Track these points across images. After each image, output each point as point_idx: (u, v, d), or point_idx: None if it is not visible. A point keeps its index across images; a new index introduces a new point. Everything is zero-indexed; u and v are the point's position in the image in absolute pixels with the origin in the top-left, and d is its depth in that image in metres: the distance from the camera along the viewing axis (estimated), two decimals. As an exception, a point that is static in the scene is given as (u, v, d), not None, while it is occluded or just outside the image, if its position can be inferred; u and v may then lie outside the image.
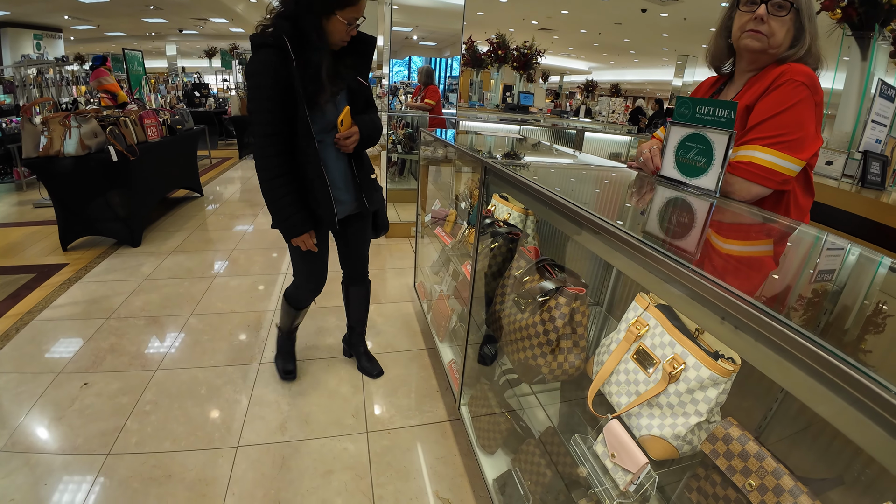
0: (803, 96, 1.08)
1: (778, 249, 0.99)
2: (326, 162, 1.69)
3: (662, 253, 0.74)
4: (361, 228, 1.97)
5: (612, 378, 1.07)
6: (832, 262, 0.94)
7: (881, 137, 3.21)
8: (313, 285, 1.96)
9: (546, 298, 1.14)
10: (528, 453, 1.36)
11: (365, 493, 1.63)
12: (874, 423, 0.45)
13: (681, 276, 0.69)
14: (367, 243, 2.08)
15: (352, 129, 1.68)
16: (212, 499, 1.57)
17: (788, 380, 0.56)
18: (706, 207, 1.13)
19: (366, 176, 1.84)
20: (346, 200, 1.81)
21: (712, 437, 0.83)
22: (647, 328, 1.04)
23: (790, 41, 1.15)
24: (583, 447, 1.00)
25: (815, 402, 0.54)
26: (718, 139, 1.15)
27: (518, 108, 8.75)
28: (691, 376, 0.92)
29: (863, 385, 0.44)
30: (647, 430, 0.98)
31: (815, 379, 0.51)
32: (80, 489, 1.57)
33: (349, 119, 1.66)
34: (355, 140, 1.70)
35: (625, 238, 0.83)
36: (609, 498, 0.91)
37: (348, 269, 2.10)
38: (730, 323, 0.60)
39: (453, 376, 1.94)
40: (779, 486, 0.73)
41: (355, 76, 1.71)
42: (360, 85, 1.74)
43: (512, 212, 1.82)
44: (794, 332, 0.51)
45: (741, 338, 0.60)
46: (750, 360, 0.64)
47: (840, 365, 0.46)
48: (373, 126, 1.77)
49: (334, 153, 1.73)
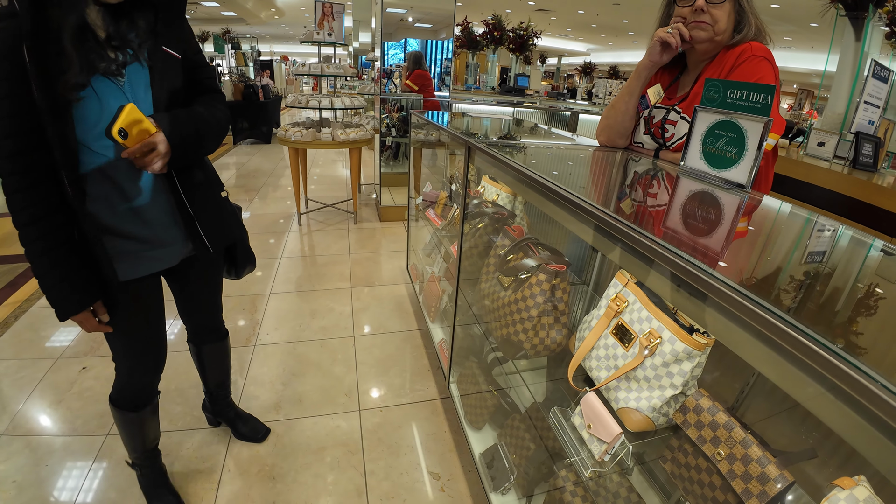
0: (766, 71, 1.10)
1: (740, 225, 1.01)
2: (126, 189, 1.07)
3: (609, 215, 0.76)
4: (205, 272, 1.40)
5: (593, 353, 1.10)
6: (791, 236, 0.96)
7: (874, 119, 3.20)
8: (144, 366, 1.33)
9: (528, 275, 1.16)
10: (514, 428, 1.39)
11: (356, 467, 1.67)
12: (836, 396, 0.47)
13: (628, 237, 0.71)
14: (218, 288, 1.51)
15: (150, 140, 0.98)
16: (207, 474, 1.61)
17: (743, 349, 0.59)
18: (676, 180, 1.14)
19: (202, 202, 1.20)
20: (170, 242, 1.20)
21: (684, 407, 0.86)
22: (627, 304, 1.06)
23: (734, 25, 1.20)
24: (561, 419, 1.03)
25: (764, 367, 0.56)
26: (752, 127, 1.03)
27: (514, 91, 8.68)
28: (667, 350, 0.94)
29: (812, 350, 0.46)
30: (624, 402, 1.01)
31: (769, 346, 0.53)
32: (80, 469, 1.61)
33: (142, 122, 0.96)
34: (159, 156, 1.01)
35: (573, 199, 0.85)
36: (585, 467, 0.94)
37: (193, 324, 1.55)
38: (684, 290, 0.62)
39: (443, 355, 1.97)
40: (747, 455, 0.75)
41: (156, 44, 1.05)
42: (166, 59, 1.08)
43: (501, 193, 1.83)
44: (739, 295, 0.53)
45: (694, 304, 0.62)
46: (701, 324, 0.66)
47: (781, 325, 0.48)
48: (195, 126, 1.10)
49: (137, 175, 1.08)
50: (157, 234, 1.17)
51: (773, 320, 0.49)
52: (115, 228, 1.10)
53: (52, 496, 1.52)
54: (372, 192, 5.12)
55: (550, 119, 6.23)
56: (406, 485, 1.62)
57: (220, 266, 1.47)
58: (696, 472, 0.85)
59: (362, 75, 8.45)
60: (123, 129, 0.93)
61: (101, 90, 0.98)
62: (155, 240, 1.17)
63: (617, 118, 1.44)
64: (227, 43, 13.52)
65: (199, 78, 1.19)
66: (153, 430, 1.47)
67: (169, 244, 1.21)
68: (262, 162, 6.62)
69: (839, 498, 0.61)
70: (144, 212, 1.12)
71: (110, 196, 1.07)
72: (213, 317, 1.56)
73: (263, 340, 2.37)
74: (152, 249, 1.18)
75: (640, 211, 0.97)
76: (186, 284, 1.39)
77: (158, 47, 1.06)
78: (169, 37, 1.08)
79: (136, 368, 1.31)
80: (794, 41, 11.40)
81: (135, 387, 1.34)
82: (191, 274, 1.36)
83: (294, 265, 3.28)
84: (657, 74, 1.40)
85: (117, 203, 1.08)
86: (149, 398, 1.39)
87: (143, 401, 1.37)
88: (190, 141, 1.09)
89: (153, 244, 1.18)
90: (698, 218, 0.94)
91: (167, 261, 1.23)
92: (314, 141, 3.61)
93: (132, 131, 0.95)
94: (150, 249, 1.18)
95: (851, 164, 3.01)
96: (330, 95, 3.73)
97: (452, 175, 2.51)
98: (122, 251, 1.12)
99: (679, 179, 1.16)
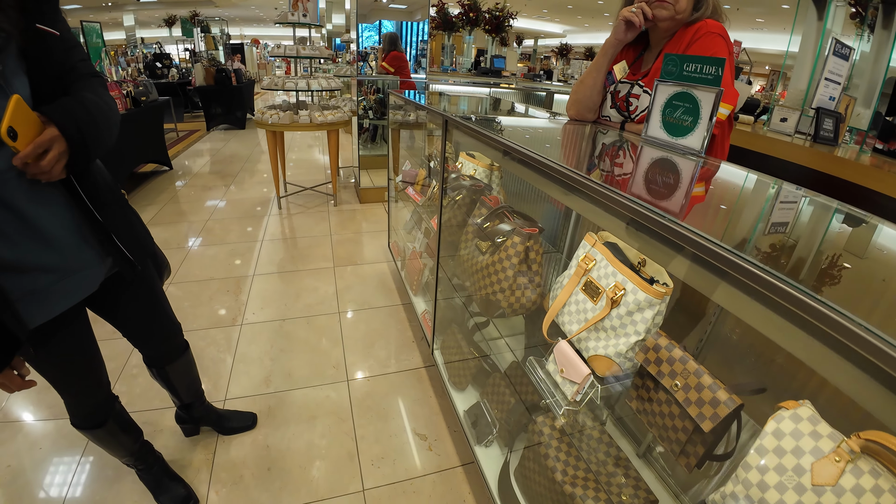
0: (720, 46, 1.19)
1: (697, 182, 1.10)
2: (19, 208, 0.86)
3: (579, 174, 0.84)
4: (139, 291, 1.23)
5: (565, 309, 1.19)
6: (736, 188, 1.06)
7: (835, 95, 3.34)
8: (89, 389, 1.23)
9: (503, 239, 1.24)
10: (495, 385, 1.49)
11: (347, 433, 1.76)
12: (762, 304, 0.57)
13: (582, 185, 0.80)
14: (161, 301, 1.32)
15: (43, 137, 0.80)
16: (204, 446, 1.68)
17: (680, 270, 0.68)
18: (638, 148, 1.23)
19: (111, 210, 1.03)
20: (84, 265, 1.01)
21: (644, 347, 0.95)
22: (594, 263, 1.15)
23: (693, 4, 1.29)
24: (536, 367, 1.12)
25: (708, 290, 0.65)
26: (705, 97, 1.12)
27: (491, 72, 8.70)
28: (630, 300, 1.04)
29: (735, 264, 0.55)
30: (594, 350, 1.10)
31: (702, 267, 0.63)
32: (74, 450, 1.65)
33: (31, 118, 0.79)
34: (57, 156, 0.83)
35: (545, 162, 0.93)
36: (559, 407, 1.04)
37: (148, 351, 1.39)
38: (632, 227, 0.71)
39: (426, 324, 2.05)
40: (700, 383, 0.85)
41: (28, 20, 0.85)
42: (44, 39, 0.88)
43: (478, 168, 1.90)
44: (685, 230, 0.62)
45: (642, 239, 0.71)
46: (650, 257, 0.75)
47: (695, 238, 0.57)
48: (91, 115, 0.90)
49: (29, 189, 0.86)
50: (67, 259, 0.97)
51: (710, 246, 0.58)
52: (15, 264, 0.89)
53: (47, 478, 1.55)
54: (350, 176, 5.13)
55: (526, 99, 6.31)
56: (395, 447, 1.71)
57: (153, 275, 1.26)
58: (657, 405, 0.95)
59: (336, 58, 8.34)
60: (12, 128, 0.74)
61: None
62: (65, 267, 0.97)
63: (585, 93, 1.52)
64: (196, 26, 13.11)
65: (73, 61, 0.95)
66: (128, 433, 1.39)
67: (83, 268, 1.01)
68: (237, 148, 6.53)
69: (784, 416, 0.72)
70: (47, 234, 0.91)
71: (2, 222, 0.84)
72: (167, 336, 1.38)
73: (250, 320, 2.41)
74: (64, 279, 0.98)
75: (606, 172, 1.05)
76: (119, 311, 1.23)
77: (31, 25, 0.85)
78: (42, 11, 0.88)
79: (81, 393, 1.22)
80: (766, 23, 11.62)
81: (87, 408, 1.25)
82: (121, 299, 1.19)
83: (276, 247, 3.31)
84: (622, 52, 1.48)
85: (11, 230, 0.86)
86: (108, 410, 1.29)
87: (104, 414, 1.28)
88: (90, 134, 0.88)
89: (64, 273, 0.97)
90: (656, 177, 1.02)
91: (86, 289, 1.03)
92: (292, 123, 3.61)
93: (21, 130, 0.76)
94: (61, 279, 0.97)
95: (812, 138, 3.15)
96: (306, 78, 3.72)
97: (431, 153, 2.56)
98: (28, 290, 0.92)
99: (641, 147, 1.25)
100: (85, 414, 1.25)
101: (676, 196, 0.88)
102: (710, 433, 0.82)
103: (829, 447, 0.65)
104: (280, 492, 1.53)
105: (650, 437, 1.38)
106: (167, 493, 1.48)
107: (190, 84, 8.69)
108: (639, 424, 1.43)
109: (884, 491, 0.58)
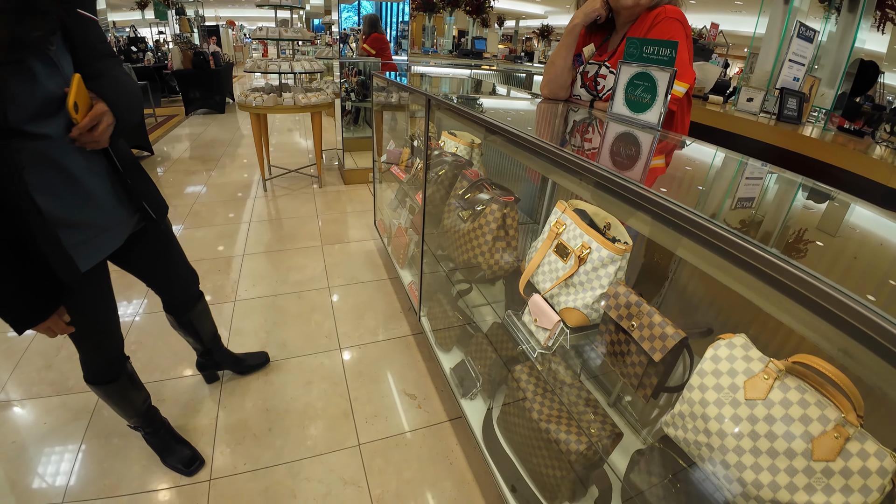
0: (677, 30, 1.31)
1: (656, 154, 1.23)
2: (70, 172, 1.00)
3: (553, 146, 0.97)
4: (159, 242, 1.38)
5: (539, 269, 1.32)
6: (694, 157, 1.20)
7: (799, 76, 3.50)
8: (105, 344, 1.33)
9: (483, 207, 1.36)
10: (478, 344, 1.63)
11: (342, 395, 1.88)
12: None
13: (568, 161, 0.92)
14: (179, 250, 1.48)
15: (97, 111, 0.95)
16: (206, 413, 1.78)
17: (638, 223, 0.81)
18: (604, 123, 1.36)
19: (134, 173, 1.19)
20: (118, 221, 1.17)
21: (606, 296, 1.09)
22: (565, 227, 1.28)
23: None
24: (514, 319, 1.26)
25: (650, 232, 0.78)
26: (661, 76, 1.26)
27: (472, 54, 8.73)
28: (595, 257, 1.17)
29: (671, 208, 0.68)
30: (565, 304, 1.24)
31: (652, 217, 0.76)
32: (78, 422, 1.72)
33: (85, 94, 0.93)
34: (106, 128, 0.98)
35: (521, 135, 1.05)
36: (533, 350, 1.17)
37: (171, 296, 1.54)
38: (588, 183, 0.84)
39: (413, 294, 2.18)
40: (651, 322, 1.00)
41: (71, 5, 0.96)
42: (85, 23, 1.01)
43: (459, 146, 2.01)
44: (642, 188, 0.75)
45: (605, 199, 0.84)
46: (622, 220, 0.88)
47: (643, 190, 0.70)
48: (127, 92, 1.06)
49: (79, 155, 1.02)
50: (107, 217, 1.12)
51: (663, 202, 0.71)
52: (67, 220, 1.03)
53: (55, 450, 1.61)
54: (333, 158, 5.18)
55: (506, 80, 6.40)
56: (387, 406, 1.85)
57: (170, 230, 1.42)
58: (618, 345, 1.10)
59: (315, 40, 8.26)
60: (75, 103, 0.87)
61: (32, 64, 0.88)
62: (104, 224, 1.12)
63: (557, 73, 1.63)
64: (170, 8, 12.75)
65: (93, 42, 1.04)
66: (138, 392, 1.50)
67: (116, 225, 1.17)
68: (217, 132, 6.49)
69: (720, 344, 0.86)
70: (93, 195, 1.07)
71: (54, 183, 0.98)
72: (187, 283, 1.55)
73: (242, 296, 2.50)
74: (102, 234, 1.13)
75: (577, 144, 1.18)
76: (144, 262, 1.37)
77: (73, 9, 0.97)
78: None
79: (98, 347, 1.32)
80: (744, 5, 11.81)
81: (103, 362, 1.36)
82: (144, 251, 1.33)
83: (263, 228, 3.39)
84: (591, 35, 1.60)
85: (62, 190, 1.00)
86: (121, 367, 1.40)
87: (117, 370, 1.39)
88: (128, 110, 1.04)
89: (102, 229, 1.13)
90: (618, 149, 1.15)
91: (115, 243, 1.19)
92: (276, 106, 3.65)
93: (80, 104, 0.89)
94: (100, 234, 1.13)
95: (777, 117, 3.31)
96: (288, 60, 3.75)
97: (414, 133, 2.66)
98: (74, 243, 1.04)
99: (607, 123, 1.38)
100: (100, 368, 1.36)
101: (635, 163, 1.00)
102: (661, 363, 0.97)
103: (759, 368, 0.80)
104: (282, 449, 1.65)
105: (619, 386, 1.54)
106: (174, 454, 1.58)
107: (166, 68, 8.53)
108: (609, 376, 1.58)
109: (810, 404, 0.72)
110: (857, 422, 0.67)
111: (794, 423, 0.72)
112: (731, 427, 0.79)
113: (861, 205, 0.85)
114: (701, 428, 0.84)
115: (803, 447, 0.70)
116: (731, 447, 0.79)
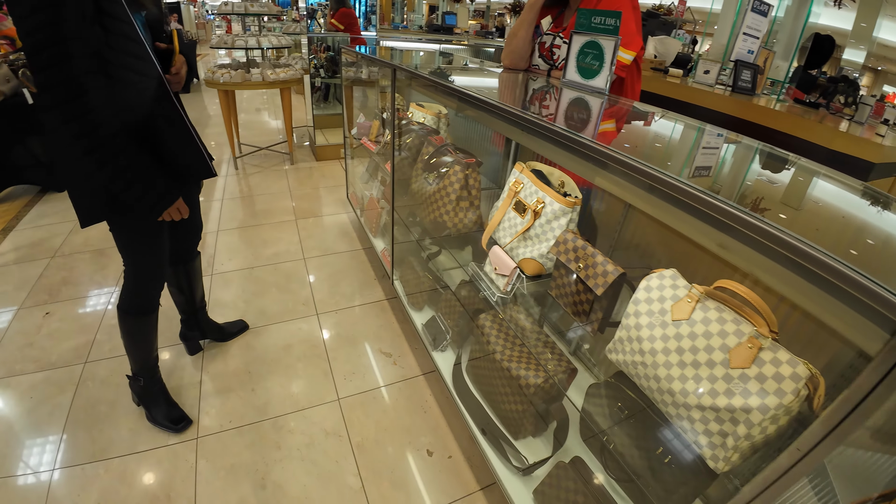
0: (624, 2, 1.41)
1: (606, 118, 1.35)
2: (178, 100, 1.35)
3: (514, 108, 1.07)
4: (197, 193, 1.65)
5: (500, 226, 1.43)
6: (642, 120, 1.32)
7: (753, 49, 3.65)
8: (160, 274, 1.52)
9: (447, 169, 1.46)
10: (447, 301, 1.74)
11: (321, 356, 1.98)
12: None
13: (528, 122, 1.02)
14: (199, 203, 1.68)
15: (181, 59, 1.33)
16: (189, 386, 1.83)
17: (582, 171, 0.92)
18: (558, 89, 1.46)
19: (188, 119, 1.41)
20: None
21: (556, 243, 1.21)
22: (522, 185, 1.39)
23: None
24: (476, 269, 1.37)
25: (591, 177, 0.90)
26: (607, 44, 1.34)
27: (442, 30, 8.67)
28: (548, 210, 1.29)
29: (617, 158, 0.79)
30: (522, 255, 1.36)
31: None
32: (64, 395, 1.75)
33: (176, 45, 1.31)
34: (185, 73, 1.36)
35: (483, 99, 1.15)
36: (493, 295, 1.29)
37: (184, 246, 1.71)
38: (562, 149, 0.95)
39: (386, 260, 2.28)
40: (595, 262, 1.12)
41: None
42: (155, 4, 1.32)
43: (426, 116, 2.09)
44: (590, 141, 0.86)
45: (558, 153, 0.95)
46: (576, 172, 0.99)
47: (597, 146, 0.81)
48: None
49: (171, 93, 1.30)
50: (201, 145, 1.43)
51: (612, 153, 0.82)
52: None
53: (43, 422, 1.65)
54: (305, 137, 5.16)
55: (476, 55, 6.42)
56: (364, 364, 1.96)
57: None
58: (568, 287, 1.22)
59: (282, 16, 8.06)
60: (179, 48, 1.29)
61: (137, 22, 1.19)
62: None
63: (518, 44, 1.72)
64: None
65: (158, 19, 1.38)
66: (154, 340, 1.62)
67: None
68: (184, 111, 6.35)
69: (653, 276, 0.98)
70: None
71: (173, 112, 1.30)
72: (200, 227, 1.74)
73: (220, 270, 2.56)
74: None
75: (535, 108, 1.28)
76: (191, 200, 1.56)
77: None
78: None
79: (152, 280, 1.50)
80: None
81: (156, 290, 1.52)
82: (193, 190, 1.58)
83: (236, 205, 3.41)
84: (548, 8, 1.69)
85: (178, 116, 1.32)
86: (157, 302, 1.55)
87: (154, 303, 1.54)
88: (190, 65, 1.38)
89: None
90: (571, 112, 1.26)
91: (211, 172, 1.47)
92: (244, 82, 3.63)
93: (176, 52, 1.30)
94: None
95: (731, 88, 3.47)
96: (256, 36, 3.72)
97: (384, 107, 2.72)
98: None
99: (561, 89, 1.48)
100: (151, 297, 1.51)
101: (586, 123, 1.11)
102: (604, 297, 1.10)
103: (684, 294, 0.93)
104: (265, 406, 1.75)
105: (578, 336, 1.68)
106: (162, 412, 1.66)
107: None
108: (568, 324, 1.72)
109: (727, 321, 0.84)
110: (769, 335, 0.78)
111: (713, 337, 0.84)
112: (660, 345, 0.92)
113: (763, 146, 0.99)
114: (636, 349, 0.97)
115: (722, 357, 0.82)
116: (661, 363, 0.91)
